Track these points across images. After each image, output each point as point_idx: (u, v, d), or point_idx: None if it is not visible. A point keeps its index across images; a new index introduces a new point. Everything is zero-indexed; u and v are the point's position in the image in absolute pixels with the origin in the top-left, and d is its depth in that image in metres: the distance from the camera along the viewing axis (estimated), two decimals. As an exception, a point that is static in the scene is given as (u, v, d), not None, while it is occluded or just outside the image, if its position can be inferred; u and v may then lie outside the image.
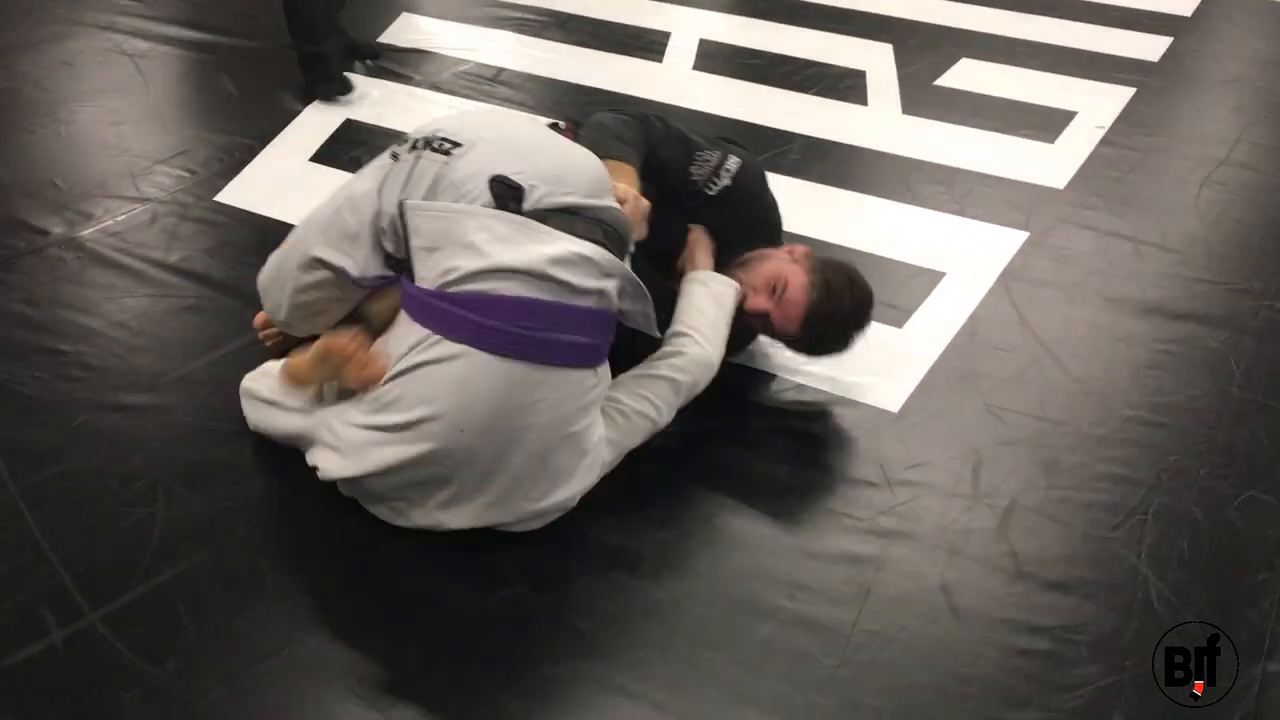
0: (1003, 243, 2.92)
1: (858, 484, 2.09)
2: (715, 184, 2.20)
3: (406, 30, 4.08)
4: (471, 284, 1.69)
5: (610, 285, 1.79)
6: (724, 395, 2.13)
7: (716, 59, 3.99)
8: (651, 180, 2.18)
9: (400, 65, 3.76)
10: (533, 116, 2.12)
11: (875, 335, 2.48)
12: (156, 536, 1.84)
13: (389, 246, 1.78)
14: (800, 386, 2.33)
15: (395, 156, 1.80)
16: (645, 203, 1.96)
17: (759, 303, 2.15)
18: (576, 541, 1.87)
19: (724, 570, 1.88)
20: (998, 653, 1.75)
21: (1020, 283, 2.74)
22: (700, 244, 2.22)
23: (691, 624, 1.77)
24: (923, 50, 4.14)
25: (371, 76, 3.66)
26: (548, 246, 1.71)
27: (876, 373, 2.38)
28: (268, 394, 1.97)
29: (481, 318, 1.68)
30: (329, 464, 1.80)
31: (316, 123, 3.33)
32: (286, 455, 1.93)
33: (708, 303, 2.09)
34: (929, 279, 2.74)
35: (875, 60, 4.04)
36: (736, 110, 3.57)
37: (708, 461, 2.10)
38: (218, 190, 2.93)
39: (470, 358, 1.67)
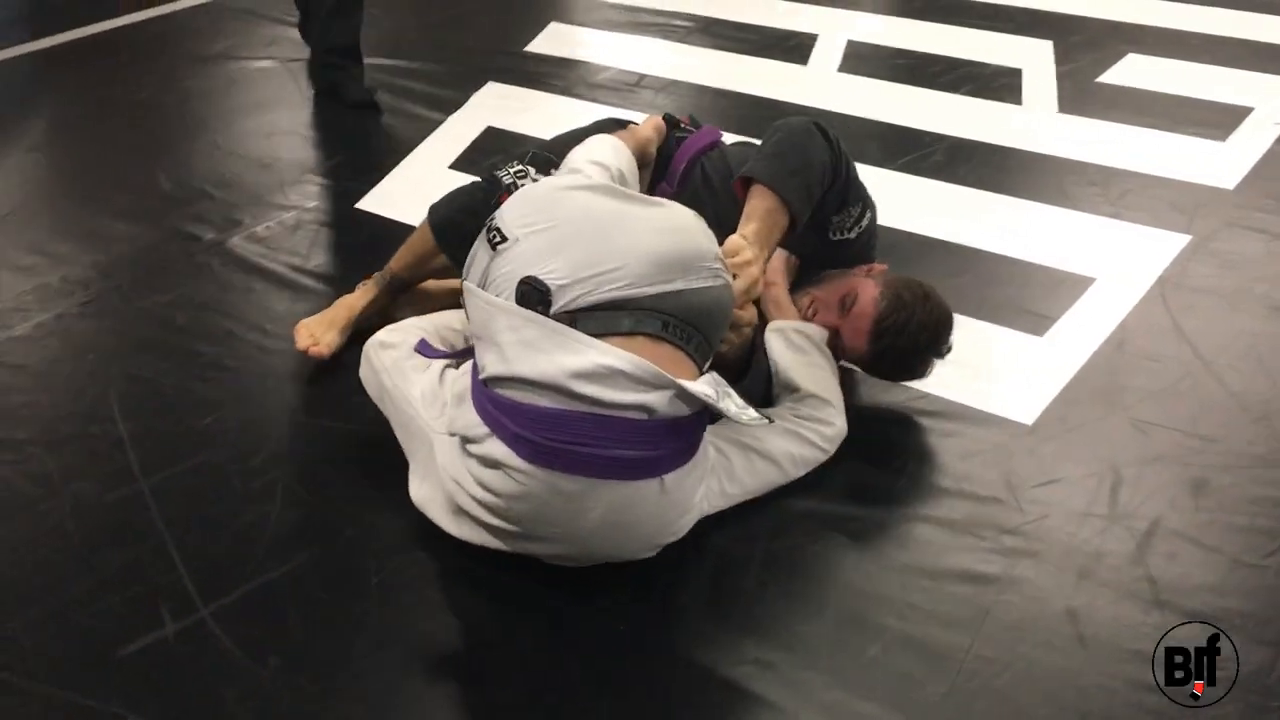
0: (1161, 247, 2.73)
1: (982, 500, 1.97)
2: (841, 234, 2.14)
3: (554, 39, 4.12)
4: (501, 387, 1.60)
5: (655, 398, 1.56)
6: (848, 395, 2.06)
7: (863, 60, 3.89)
8: None
9: (543, 70, 3.80)
10: (619, 147, 2.03)
11: (1012, 343, 2.37)
12: (270, 534, 1.88)
13: None
14: (926, 395, 2.22)
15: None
16: (754, 271, 1.84)
17: (828, 318, 2.08)
18: (678, 549, 1.82)
19: (831, 586, 1.80)
20: (1126, 687, 1.62)
21: (1178, 290, 2.56)
22: (776, 284, 2.15)
23: (793, 640, 1.70)
24: (1086, 47, 3.94)
25: (512, 84, 3.71)
26: (572, 358, 1.54)
27: (1011, 382, 2.25)
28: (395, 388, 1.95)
29: (513, 424, 1.58)
30: (421, 496, 1.82)
31: (457, 131, 3.39)
32: (401, 459, 1.95)
33: (815, 360, 2.05)
34: (1077, 285, 2.58)
35: (1033, 57, 3.87)
36: (880, 111, 3.47)
37: (821, 471, 2.01)
38: (359, 198, 3.00)
39: (513, 463, 1.59)
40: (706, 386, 1.59)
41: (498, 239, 1.67)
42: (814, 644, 1.69)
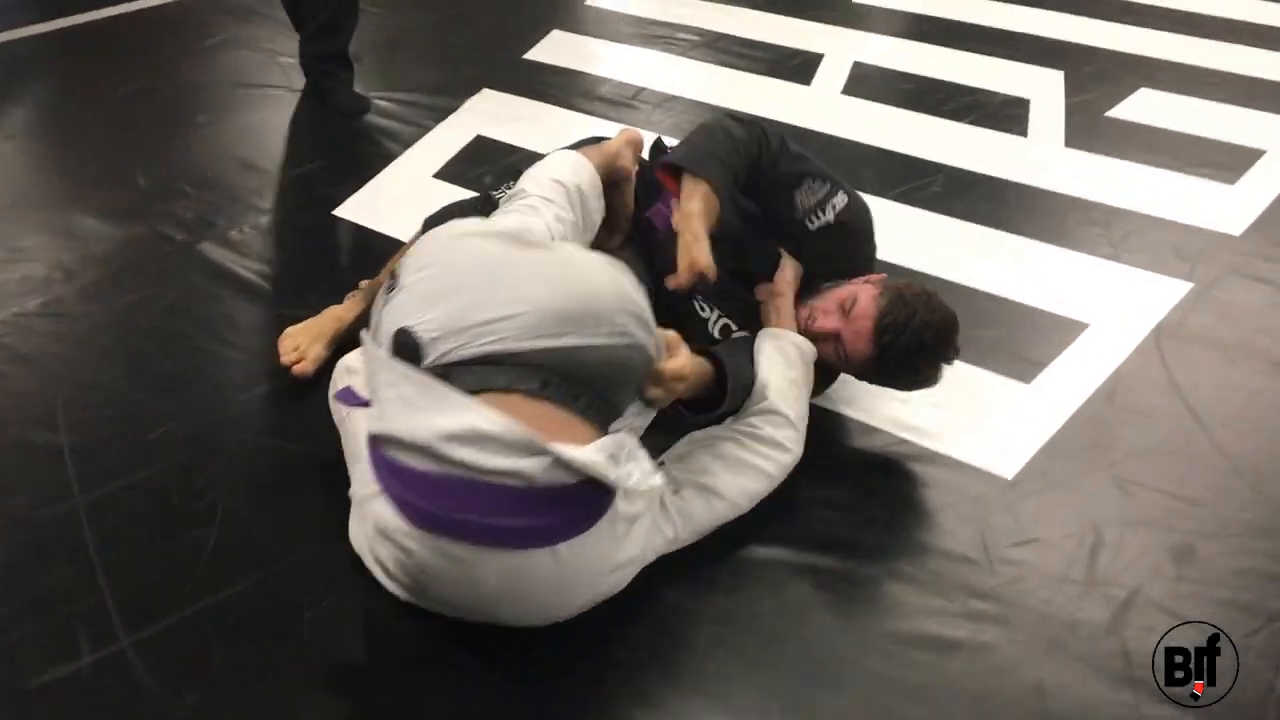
0: (1160, 293, 2.64)
1: (954, 559, 1.88)
2: (817, 218, 2.05)
3: (554, 48, 4.04)
4: (385, 446, 1.47)
5: (529, 465, 1.40)
6: (813, 446, 1.96)
7: (868, 83, 3.80)
8: (754, 198, 2.10)
9: (540, 79, 3.72)
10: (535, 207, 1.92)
11: (998, 389, 2.28)
12: (205, 560, 1.80)
13: None
14: (904, 440, 2.13)
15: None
16: (680, 365, 1.73)
17: (828, 322, 2.00)
18: (625, 599, 1.73)
19: (787, 645, 1.70)
20: (1090, 771, 1.53)
21: (1175, 339, 2.46)
22: (784, 295, 2.08)
23: (742, 705, 1.61)
24: (1097, 79, 3.85)
25: (504, 92, 3.62)
26: (446, 418, 1.41)
27: (994, 432, 2.16)
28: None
29: (399, 486, 1.46)
30: (355, 536, 1.74)
31: (446, 139, 3.30)
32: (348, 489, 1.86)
33: (798, 378, 1.96)
34: (1069, 330, 2.49)
35: (1042, 88, 3.77)
36: (880, 137, 3.37)
37: (786, 515, 1.93)
38: (339, 204, 2.92)
39: (401, 525, 1.48)
40: (595, 453, 1.44)
41: (392, 284, 1.59)
42: (764, 709, 1.60)
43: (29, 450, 2.02)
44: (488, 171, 3.06)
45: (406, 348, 1.51)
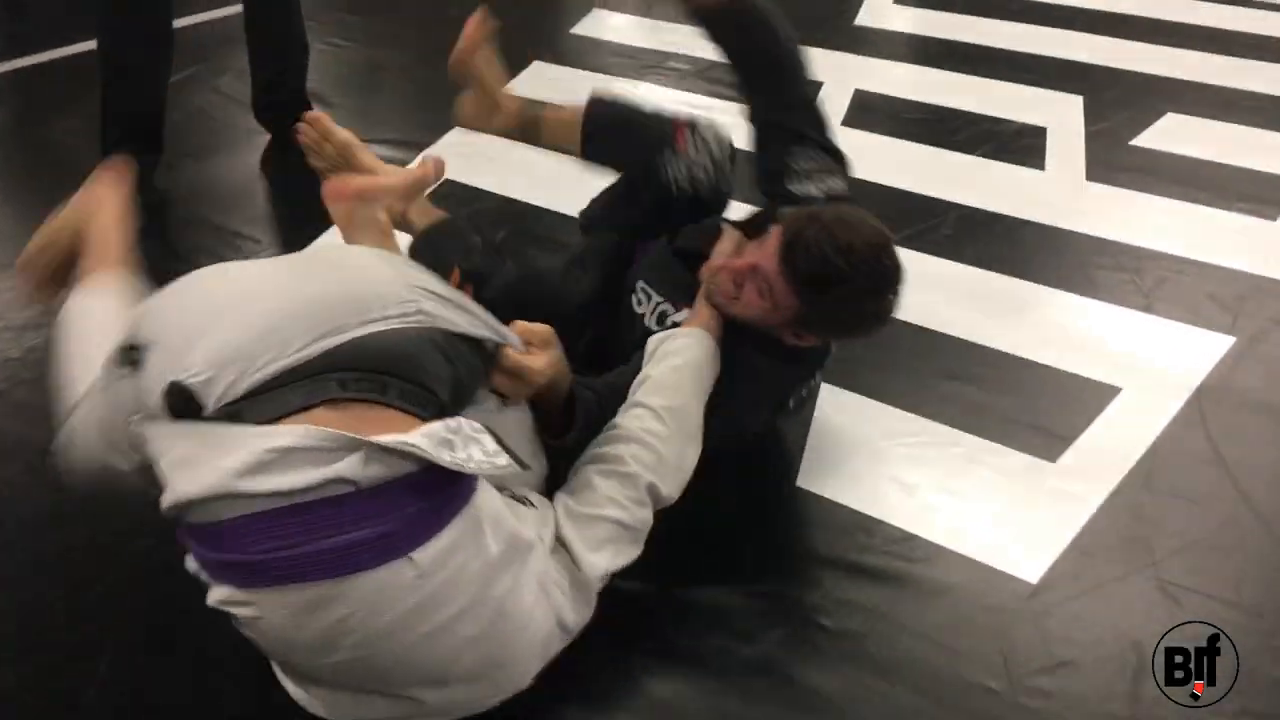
0: (1200, 350, 2.34)
1: (969, 688, 1.58)
2: (800, 184, 1.80)
3: (535, 80, 3.77)
4: (190, 515, 1.25)
5: (346, 466, 1.19)
6: (800, 542, 1.68)
7: (871, 113, 3.52)
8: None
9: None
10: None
11: (1018, 470, 1.99)
12: (84, 713, 1.53)
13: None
14: (910, 536, 1.84)
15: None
16: (541, 365, 1.54)
17: (739, 263, 1.72)
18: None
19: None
20: None
21: (1219, 405, 2.16)
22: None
23: None
24: (1120, 104, 3.56)
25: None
26: (231, 456, 1.20)
27: (1014, 524, 1.86)
28: None
29: (211, 551, 1.24)
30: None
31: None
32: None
33: (694, 368, 1.70)
34: (1099, 396, 2.19)
35: (1061, 114, 3.48)
36: (885, 174, 3.08)
37: (768, 632, 1.64)
38: (311, 239, 2.65)
39: (235, 598, 1.25)
40: (419, 436, 1.21)
41: (135, 355, 1.31)
42: None
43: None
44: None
45: (181, 404, 1.25)
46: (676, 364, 1.68)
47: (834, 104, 3.57)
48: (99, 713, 1.52)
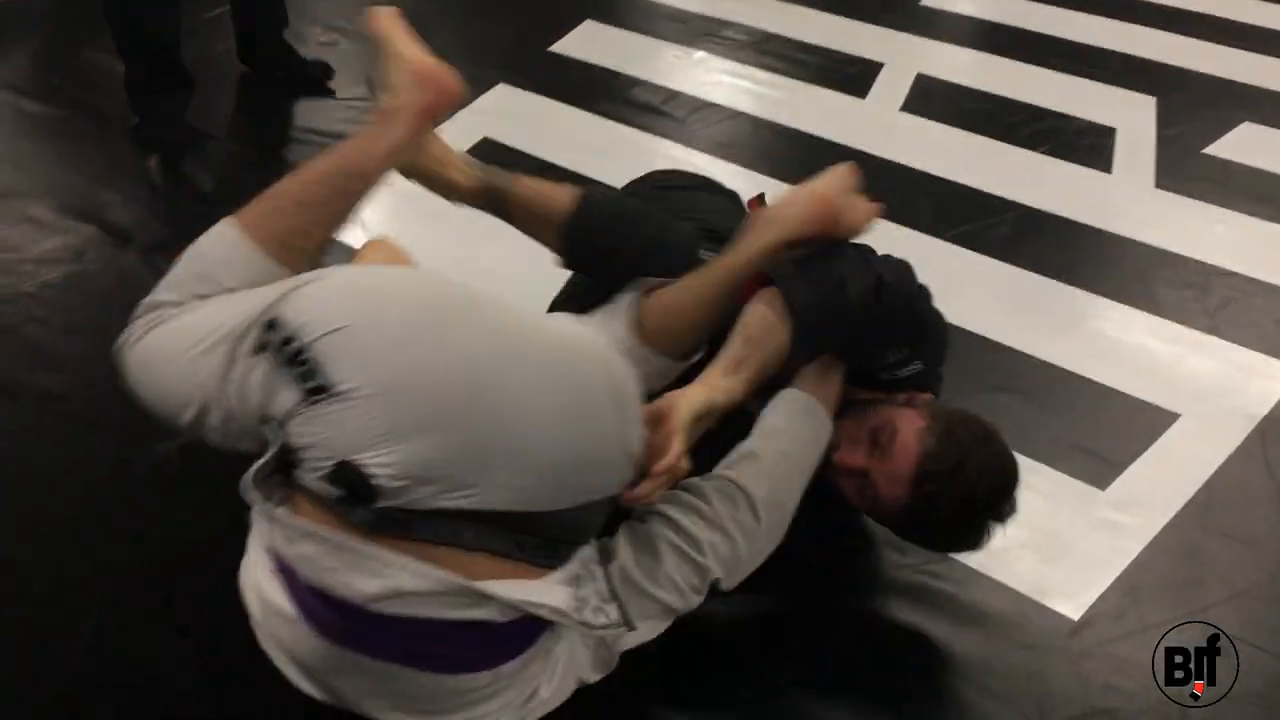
0: (1266, 378, 2.21)
1: (1000, 732, 1.49)
2: (888, 372, 1.62)
3: (584, 41, 3.64)
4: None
5: (488, 612, 1.19)
6: (821, 565, 1.58)
7: (931, 100, 3.37)
8: None
9: (564, 77, 3.33)
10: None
11: (1064, 497, 1.88)
12: (63, 682, 1.45)
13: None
14: (945, 559, 1.74)
15: (259, 347, 1.21)
16: (682, 467, 1.38)
17: (854, 458, 1.55)
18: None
19: None
20: None
21: (1284, 440, 2.04)
22: (838, 366, 1.63)
23: None
24: (1194, 108, 3.38)
25: (517, 87, 3.24)
26: (369, 581, 1.14)
27: (1057, 555, 1.76)
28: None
29: (316, 599, 1.18)
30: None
31: (449, 139, 2.92)
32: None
33: (802, 463, 1.52)
34: (1155, 421, 2.07)
35: (1131, 116, 3.32)
36: (942, 165, 2.95)
37: (789, 658, 1.55)
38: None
39: (301, 630, 1.20)
40: (562, 594, 1.23)
41: (313, 385, 1.14)
42: None
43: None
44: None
45: (350, 486, 1.13)
46: (786, 450, 1.50)
47: (894, 87, 3.43)
48: (82, 678, 1.45)
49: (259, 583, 1.24)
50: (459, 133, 2.95)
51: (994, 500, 1.52)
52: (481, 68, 3.36)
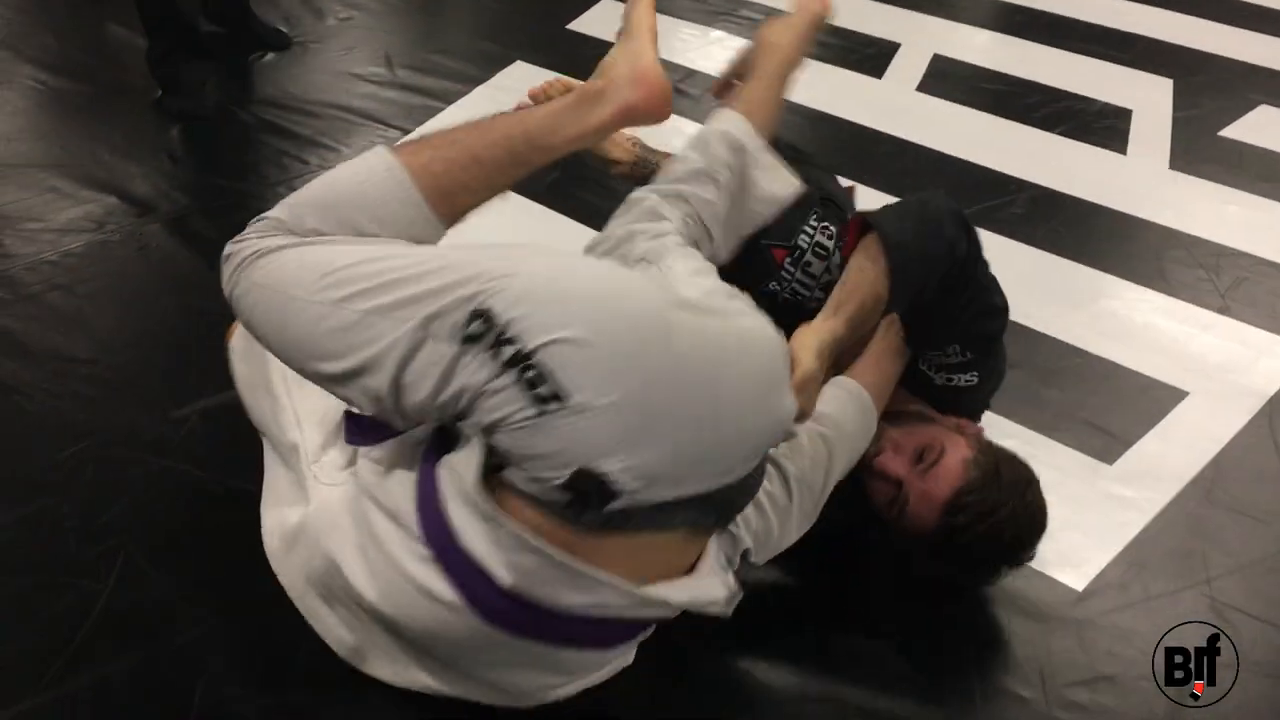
0: (1276, 358, 2.22)
1: (1002, 695, 1.51)
2: (937, 373, 1.67)
3: (603, 18, 3.66)
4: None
5: (653, 613, 1.27)
6: (831, 539, 1.60)
7: (947, 80, 3.37)
8: None
9: (581, 54, 3.35)
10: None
11: (1071, 470, 1.91)
12: (92, 622, 1.49)
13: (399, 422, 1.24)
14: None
15: (468, 338, 1.13)
16: (812, 396, 1.41)
17: (895, 466, 1.57)
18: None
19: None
20: None
21: (1292, 418, 2.06)
22: (894, 355, 1.66)
23: None
24: (1211, 90, 3.38)
25: (529, 63, 3.26)
26: (576, 595, 1.17)
27: (1063, 528, 1.76)
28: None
29: (488, 590, 1.17)
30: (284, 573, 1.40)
31: (462, 117, 2.95)
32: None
33: (844, 448, 1.55)
34: (1164, 398, 2.09)
35: (1148, 97, 3.32)
36: (957, 144, 2.96)
37: (801, 635, 1.57)
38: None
39: (458, 612, 1.19)
40: (716, 585, 1.29)
41: (546, 392, 1.09)
42: None
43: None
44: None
45: (587, 492, 1.11)
46: (828, 435, 1.53)
47: (911, 68, 3.44)
48: (107, 620, 1.49)
49: (361, 550, 1.24)
50: (472, 112, 2.98)
51: (1018, 548, 1.55)
52: (501, 45, 3.39)
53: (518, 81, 3.17)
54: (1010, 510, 1.49)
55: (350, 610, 1.32)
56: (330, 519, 1.31)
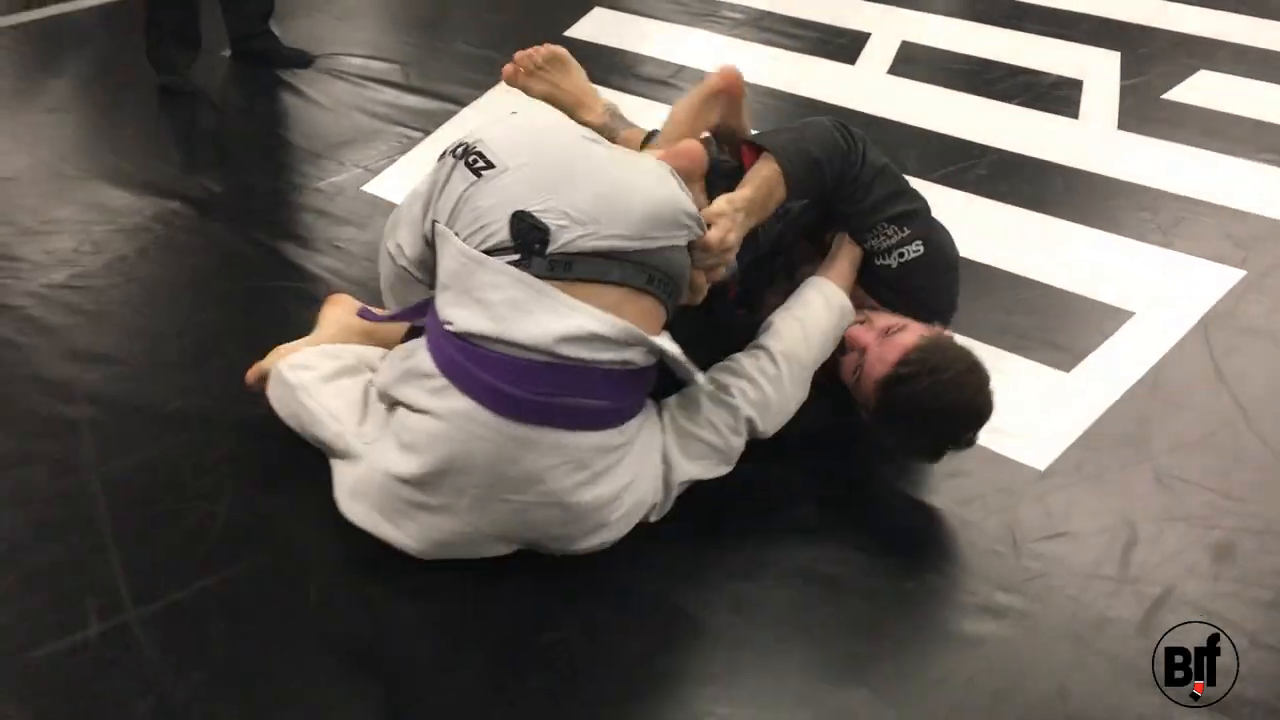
0: (1211, 281, 2.53)
1: (979, 551, 1.81)
2: (882, 257, 1.95)
3: (596, 25, 3.98)
4: (480, 343, 1.53)
5: (633, 354, 1.57)
6: (831, 426, 1.91)
7: (915, 63, 3.70)
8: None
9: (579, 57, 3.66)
10: (589, 134, 1.79)
11: (1034, 378, 2.21)
12: (215, 537, 1.78)
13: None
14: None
15: (442, 157, 1.63)
16: (731, 237, 1.69)
17: (865, 336, 1.87)
18: (631, 590, 1.69)
19: (800, 639, 1.65)
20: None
21: (1225, 330, 2.36)
22: (848, 254, 1.96)
23: (754, 695, 1.56)
24: (1155, 60, 3.72)
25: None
26: (558, 321, 1.50)
27: (1027, 421, 2.07)
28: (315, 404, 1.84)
29: (488, 375, 1.52)
30: (357, 514, 1.71)
31: (476, 120, 3.27)
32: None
33: (817, 325, 1.86)
34: (1113, 318, 2.40)
35: (1097, 68, 3.65)
36: (926, 119, 3.28)
37: (800, 508, 1.87)
38: (368, 180, 2.90)
39: (479, 417, 1.53)
40: (679, 353, 1.61)
41: (480, 164, 1.55)
42: (776, 702, 1.55)
43: (47, 422, 2.02)
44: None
45: (531, 232, 1.51)
46: (802, 317, 1.85)
47: (881, 55, 3.77)
48: (222, 546, 1.78)
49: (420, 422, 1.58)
50: (485, 115, 3.30)
51: (958, 415, 1.78)
52: (499, 52, 3.69)
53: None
54: (954, 376, 1.76)
55: (408, 515, 1.63)
56: (378, 450, 1.67)
